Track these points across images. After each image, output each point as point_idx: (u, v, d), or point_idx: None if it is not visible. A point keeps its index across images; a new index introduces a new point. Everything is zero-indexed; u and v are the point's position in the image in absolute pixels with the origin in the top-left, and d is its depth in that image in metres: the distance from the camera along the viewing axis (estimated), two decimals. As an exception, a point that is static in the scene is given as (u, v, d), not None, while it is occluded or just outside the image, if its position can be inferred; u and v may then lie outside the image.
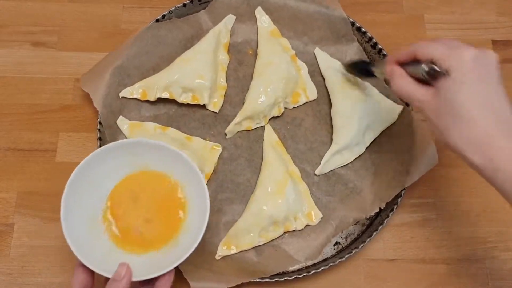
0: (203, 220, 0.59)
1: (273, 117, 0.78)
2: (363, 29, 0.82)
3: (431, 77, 0.56)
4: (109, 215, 0.63)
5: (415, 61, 0.59)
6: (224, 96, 0.80)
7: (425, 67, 0.57)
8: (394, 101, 0.78)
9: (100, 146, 0.74)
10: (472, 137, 0.53)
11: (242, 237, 0.70)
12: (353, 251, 0.70)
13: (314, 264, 0.70)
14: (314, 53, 0.82)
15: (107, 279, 0.57)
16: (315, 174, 0.75)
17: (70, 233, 0.58)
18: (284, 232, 0.72)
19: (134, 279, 0.56)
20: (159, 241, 0.62)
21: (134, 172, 0.65)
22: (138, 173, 0.65)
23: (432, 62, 0.56)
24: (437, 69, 0.55)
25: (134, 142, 0.63)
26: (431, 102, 0.56)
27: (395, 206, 0.72)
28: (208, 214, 0.60)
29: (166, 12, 0.82)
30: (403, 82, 0.60)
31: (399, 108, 0.78)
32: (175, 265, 0.57)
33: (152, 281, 0.58)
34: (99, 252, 0.59)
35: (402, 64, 0.62)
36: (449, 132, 0.54)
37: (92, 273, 0.57)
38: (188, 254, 0.57)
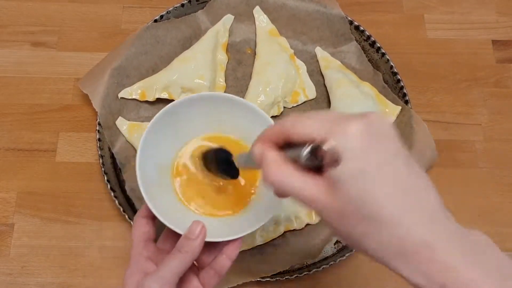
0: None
1: (272, 117, 0.78)
2: (361, 28, 0.82)
3: (316, 163, 0.40)
4: (181, 172, 0.62)
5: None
6: (223, 96, 0.80)
7: (304, 152, 0.40)
8: (393, 101, 0.78)
9: (100, 147, 0.74)
10: (401, 245, 0.37)
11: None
12: (354, 250, 0.69)
13: (315, 263, 0.70)
14: (312, 52, 0.82)
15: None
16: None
17: (143, 181, 0.56)
18: (285, 231, 0.72)
19: (207, 239, 0.53)
20: (230, 207, 0.61)
21: (212, 133, 0.64)
22: (215, 135, 0.64)
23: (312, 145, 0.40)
24: (324, 153, 0.38)
25: (222, 97, 0.63)
26: (326, 201, 0.39)
27: (396, 205, 0.72)
28: None
29: (164, 13, 0.82)
30: (279, 172, 0.41)
31: (397, 108, 0.77)
32: (248, 232, 0.55)
33: (219, 246, 0.55)
34: (168, 207, 0.57)
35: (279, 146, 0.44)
36: (364, 239, 0.38)
37: (153, 226, 0.56)
38: (263, 222, 0.56)
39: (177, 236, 0.54)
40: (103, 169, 0.73)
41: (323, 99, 0.80)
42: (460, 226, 0.39)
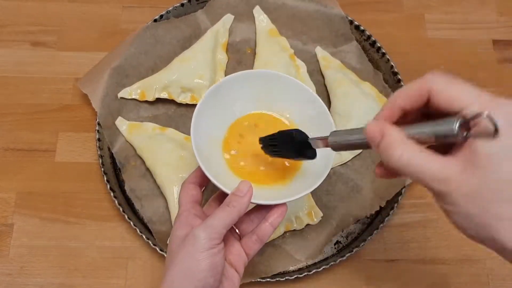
0: (326, 160, 0.58)
1: (273, 117, 0.78)
2: (362, 28, 0.82)
3: (460, 138, 0.37)
4: (229, 143, 0.63)
5: (420, 118, 0.42)
6: (223, 95, 0.80)
7: (456, 125, 0.37)
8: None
9: (99, 147, 0.74)
10: None
11: (243, 237, 0.70)
12: (354, 250, 0.69)
13: (315, 263, 0.70)
14: (313, 52, 0.82)
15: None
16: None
17: (197, 147, 0.57)
18: (285, 232, 0.71)
19: (253, 200, 0.55)
20: (276, 179, 0.61)
21: (258, 109, 0.66)
22: (261, 113, 0.66)
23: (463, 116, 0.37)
24: (473, 126, 0.36)
25: (270, 74, 0.65)
26: (461, 179, 0.37)
27: (396, 205, 0.72)
28: (333, 153, 0.57)
29: (164, 12, 0.82)
30: (409, 153, 0.39)
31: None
32: (292, 199, 0.56)
33: (261, 216, 0.57)
34: (217, 173, 0.58)
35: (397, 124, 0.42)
36: (501, 224, 0.36)
37: (200, 191, 0.58)
38: (306, 192, 0.56)
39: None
40: (102, 169, 0.73)
41: (323, 99, 0.78)
42: None
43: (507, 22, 0.88)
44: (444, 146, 0.39)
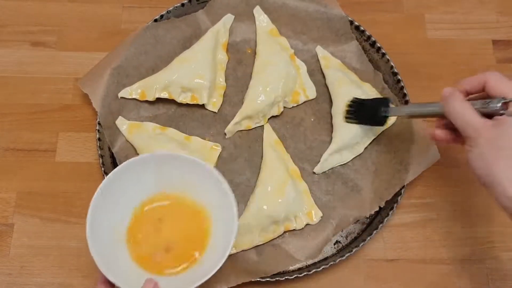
0: (230, 233, 0.58)
1: (273, 117, 0.78)
2: (362, 28, 0.82)
3: (495, 115, 0.56)
4: (132, 237, 0.62)
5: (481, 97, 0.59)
6: (223, 95, 0.79)
7: (499, 103, 0.56)
8: (393, 101, 0.78)
9: (100, 146, 0.74)
10: None
11: (242, 236, 0.70)
12: (354, 250, 0.69)
13: (314, 263, 0.70)
14: (313, 52, 0.82)
15: None
16: (314, 173, 0.75)
17: (96, 249, 0.56)
18: (284, 232, 0.71)
19: None
20: (178, 268, 0.60)
21: (158, 192, 0.64)
22: (160, 194, 0.64)
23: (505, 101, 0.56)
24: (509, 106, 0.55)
25: (159, 155, 0.63)
26: (488, 132, 0.55)
27: (395, 205, 0.72)
28: (236, 228, 0.58)
29: (164, 12, 0.82)
30: (462, 105, 0.58)
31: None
32: (197, 284, 0.55)
33: None
34: (122, 269, 0.58)
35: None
36: (497, 166, 0.53)
37: None
38: (211, 274, 0.56)
39: None
40: (103, 168, 0.73)
41: (324, 99, 0.79)
42: None
43: (507, 22, 0.88)
44: (489, 116, 0.57)
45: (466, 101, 0.58)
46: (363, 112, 0.73)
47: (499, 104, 0.56)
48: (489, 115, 0.57)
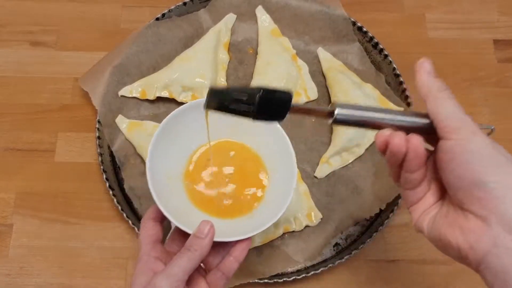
0: (288, 190, 0.58)
1: (272, 117, 0.78)
2: (364, 29, 0.82)
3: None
4: (189, 176, 0.62)
5: None
6: (224, 95, 0.79)
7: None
8: (395, 103, 0.78)
9: (99, 145, 0.74)
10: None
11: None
12: (353, 252, 0.69)
13: (313, 265, 0.70)
14: (315, 52, 0.82)
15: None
16: (315, 176, 0.75)
17: (153, 183, 0.56)
18: (284, 233, 0.71)
19: (216, 239, 0.54)
20: (238, 210, 0.61)
21: (218, 138, 0.64)
22: (223, 140, 0.65)
23: None
24: None
25: None
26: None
27: (395, 207, 0.72)
28: (295, 181, 0.58)
29: (166, 11, 0.82)
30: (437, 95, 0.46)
31: (399, 110, 0.77)
32: (255, 232, 0.55)
33: (226, 248, 0.56)
34: (177, 207, 0.58)
35: None
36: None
37: (161, 228, 0.57)
38: (270, 224, 0.56)
39: (184, 238, 0.54)
40: (102, 167, 0.73)
41: (325, 100, 0.79)
42: None
43: (507, 22, 0.88)
44: None
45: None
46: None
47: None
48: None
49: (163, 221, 0.58)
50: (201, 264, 0.56)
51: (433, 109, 0.44)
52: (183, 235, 0.55)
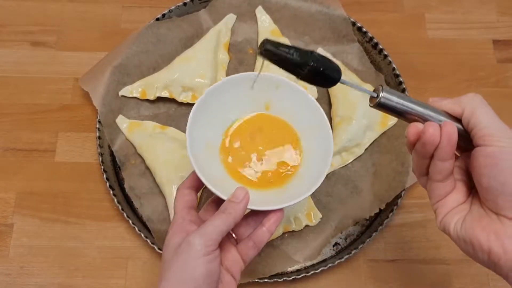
0: (323, 165, 0.58)
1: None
2: (364, 29, 0.82)
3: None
4: (226, 147, 0.63)
5: None
6: (224, 95, 0.79)
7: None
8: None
9: (99, 145, 0.74)
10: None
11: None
12: (353, 252, 0.69)
13: (313, 265, 0.70)
14: (315, 52, 0.82)
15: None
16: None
17: (192, 150, 0.57)
18: (283, 233, 0.71)
19: (250, 206, 0.54)
20: (273, 182, 0.61)
21: (256, 112, 0.65)
22: (260, 114, 0.65)
23: None
24: None
25: (273, 78, 0.63)
26: None
27: (395, 207, 0.72)
28: (330, 159, 0.59)
29: (166, 11, 0.82)
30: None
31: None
32: (289, 204, 0.56)
33: (258, 220, 0.57)
34: (213, 176, 0.58)
35: None
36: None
37: (196, 196, 0.58)
38: (303, 197, 0.56)
39: (218, 208, 0.55)
40: (102, 167, 0.73)
41: (324, 100, 0.79)
42: None
43: (507, 22, 0.88)
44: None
45: None
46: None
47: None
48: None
49: (198, 190, 0.59)
50: (233, 235, 0.58)
51: (471, 117, 0.46)
52: (217, 206, 0.56)
